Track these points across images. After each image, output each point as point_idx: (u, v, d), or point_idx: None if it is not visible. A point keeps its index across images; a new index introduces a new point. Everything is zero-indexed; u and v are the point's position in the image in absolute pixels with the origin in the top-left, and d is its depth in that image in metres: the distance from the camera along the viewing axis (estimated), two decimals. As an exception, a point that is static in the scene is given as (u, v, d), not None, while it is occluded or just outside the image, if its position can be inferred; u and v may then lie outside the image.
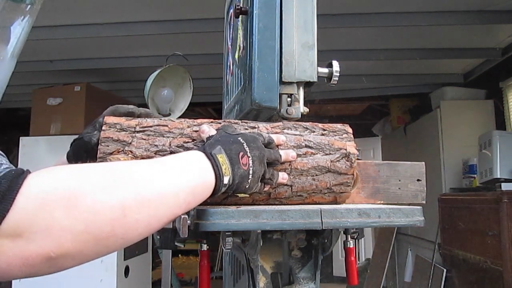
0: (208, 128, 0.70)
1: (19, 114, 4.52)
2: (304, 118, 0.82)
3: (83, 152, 0.76)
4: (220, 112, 1.17)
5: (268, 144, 0.69)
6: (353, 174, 0.76)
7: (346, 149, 0.75)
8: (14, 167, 0.49)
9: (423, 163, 0.89)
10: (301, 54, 0.80)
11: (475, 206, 2.66)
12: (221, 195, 0.67)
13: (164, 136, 0.71)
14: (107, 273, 2.92)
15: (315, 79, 0.80)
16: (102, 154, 0.69)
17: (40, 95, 3.31)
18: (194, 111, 4.96)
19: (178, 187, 0.56)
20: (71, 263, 0.47)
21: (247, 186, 0.65)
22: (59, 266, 0.46)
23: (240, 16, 0.86)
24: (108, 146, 0.69)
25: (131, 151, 0.69)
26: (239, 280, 0.96)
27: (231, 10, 1.06)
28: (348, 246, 0.80)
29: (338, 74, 0.82)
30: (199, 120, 0.74)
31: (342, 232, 0.79)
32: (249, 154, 0.64)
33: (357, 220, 0.67)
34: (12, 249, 0.43)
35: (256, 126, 0.75)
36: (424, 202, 0.87)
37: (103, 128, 0.70)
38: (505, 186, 2.48)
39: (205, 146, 0.65)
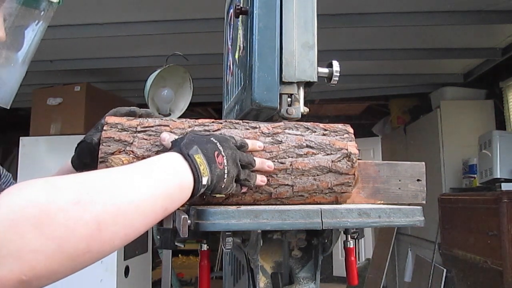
0: (168, 136, 0.68)
1: (19, 114, 4.51)
2: (304, 118, 0.82)
3: (87, 154, 0.75)
4: (220, 112, 1.17)
5: (241, 147, 0.69)
6: (354, 174, 0.76)
7: (347, 149, 0.75)
8: None
9: (423, 163, 0.89)
10: (301, 54, 0.79)
11: (475, 206, 2.66)
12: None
13: None
14: (107, 273, 2.92)
15: (315, 79, 0.80)
16: (103, 154, 0.69)
17: (40, 95, 3.31)
18: (194, 111, 4.96)
19: (155, 193, 0.55)
20: (46, 283, 0.46)
21: (223, 186, 0.64)
22: (34, 287, 0.44)
23: (240, 16, 0.86)
24: (109, 146, 0.69)
25: (132, 151, 0.69)
26: (239, 280, 0.96)
27: (231, 10, 1.06)
28: (348, 246, 0.80)
29: (338, 74, 0.82)
30: (200, 120, 0.74)
31: (342, 232, 0.79)
32: (223, 153, 0.63)
33: (357, 220, 0.67)
34: None
35: (257, 126, 0.75)
36: (424, 202, 0.87)
37: (105, 128, 0.70)
38: (505, 186, 2.48)
39: (181, 146, 0.62)
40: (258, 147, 0.72)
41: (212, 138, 0.65)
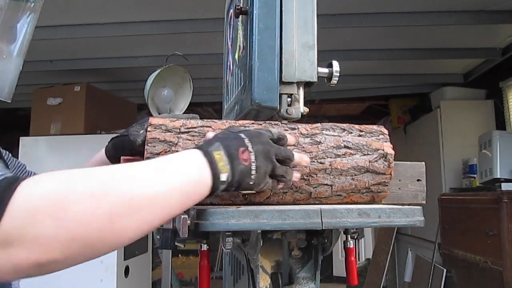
0: (212, 135, 0.69)
1: (19, 114, 4.52)
2: (304, 118, 0.82)
3: (127, 149, 0.79)
4: (220, 112, 1.17)
5: (278, 141, 0.67)
6: (390, 174, 0.77)
7: (383, 150, 0.77)
8: (8, 174, 0.49)
9: (423, 163, 0.89)
10: (301, 54, 0.79)
11: (475, 206, 2.66)
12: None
13: None
14: (107, 273, 2.92)
15: (315, 79, 0.80)
16: (149, 155, 0.70)
17: (40, 95, 3.31)
18: (194, 111, 4.94)
19: (170, 188, 0.55)
20: (60, 267, 0.49)
21: (251, 183, 0.63)
22: (48, 270, 0.48)
23: (240, 16, 0.86)
24: (155, 146, 0.71)
25: (177, 151, 0.70)
26: (239, 280, 0.96)
27: (231, 10, 1.06)
28: (348, 246, 0.80)
29: (338, 74, 0.82)
30: (240, 122, 0.75)
31: (342, 232, 0.79)
32: (250, 149, 0.62)
33: (357, 220, 0.67)
34: (3, 257, 0.45)
35: (296, 127, 0.76)
36: (424, 202, 0.87)
37: (149, 129, 0.72)
38: (505, 186, 2.48)
39: (203, 144, 0.63)
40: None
41: (241, 134, 0.64)
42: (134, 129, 0.78)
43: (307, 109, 0.82)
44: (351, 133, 0.78)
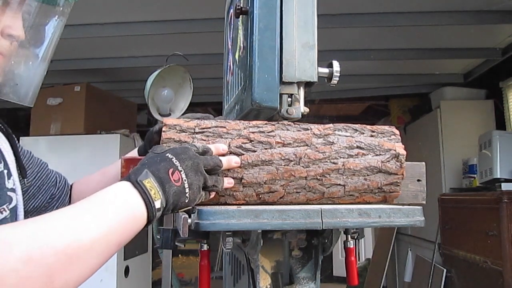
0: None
1: (19, 114, 4.52)
2: (304, 118, 0.82)
3: (148, 143, 0.83)
4: (220, 112, 1.17)
5: (204, 153, 0.67)
6: (402, 174, 0.78)
7: (395, 150, 0.77)
8: None
9: (423, 163, 0.89)
10: (301, 54, 0.79)
11: (475, 206, 2.66)
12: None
13: (222, 137, 0.72)
14: (107, 273, 2.92)
15: (316, 79, 0.80)
16: None
17: (40, 95, 3.28)
18: (194, 111, 4.94)
19: (107, 230, 0.54)
20: None
21: (186, 201, 0.63)
22: None
23: (241, 16, 0.86)
24: (170, 146, 0.71)
25: None
26: (239, 280, 0.96)
27: (231, 10, 1.06)
28: (348, 246, 0.80)
29: (338, 74, 0.82)
30: (254, 122, 0.76)
31: (342, 232, 0.79)
32: (180, 168, 0.62)
33: (358, 220, 0.67)
34: None
35: (309, 128, 0.76)
36: (424, 202, 0.87)
37: (164, 129, 0.72)
38: (505, 186, 2.48)
39: (130, 174, 0.61)
40: (222, 150, 0.70)
41: (167, 154, 0.63)
42: (157, 125, 0.81)
43: (307, 109, 0.82)
44: (363, 133, 0.78)
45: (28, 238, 0.48)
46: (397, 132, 0.81)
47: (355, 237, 0.79)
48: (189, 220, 0.63)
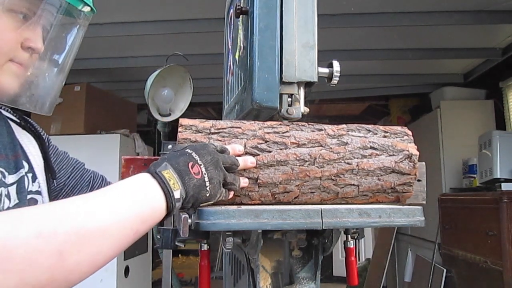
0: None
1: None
2: (304, 118, 0.82)
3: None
4: (220, 112, 1.17)
5: (222, 152, 0.68)
6: (415, 175, 0.78)
7: (408, 150, 0.78)
8: None
9: (423, 163, 0.89)
10: (301, 54, 0.79)
11: (475, 206, 2.66)
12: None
13: (238, 138, 0.73)
14: (107, 273, 2.92)
15: (316, 79, 0.80)
16: None
17: (40, 95, 3.30)
18: (194, 111, 4.96)
19: (122, 216, 0.54)
20: None
21: (207, 195, 0.63)
22: None
23: (241, 16, 0.86)
24: None
25: None
26: (239, 280, 0.96)
27: (232, 10, 1.06)
28: (348, 246, 0.80)
29: (338, 74, 0.82)
30: (268, 122, 0.76)
31: (342, 232, 0.79)
32: (199, 162, 0.63)
33: (358, 220, 0.67)
34: None
35: (323, 128, 0.77)
36: (424, 202, 0.87)
37: (180, 129, 0.73)
38: (505, 186, 2.48)
39: (150, 166, 0.62)
40: (238, 151, 0.71)
41: (187, 150, 0.64)
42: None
43: (307, 109, 0.82)
44: (376, 134, 0.79)
45: (41, 216, 0.49)
46: (410, 132, 0.81)
47: (355, 237, 0.79)
48: (190, 220, 0.63)
